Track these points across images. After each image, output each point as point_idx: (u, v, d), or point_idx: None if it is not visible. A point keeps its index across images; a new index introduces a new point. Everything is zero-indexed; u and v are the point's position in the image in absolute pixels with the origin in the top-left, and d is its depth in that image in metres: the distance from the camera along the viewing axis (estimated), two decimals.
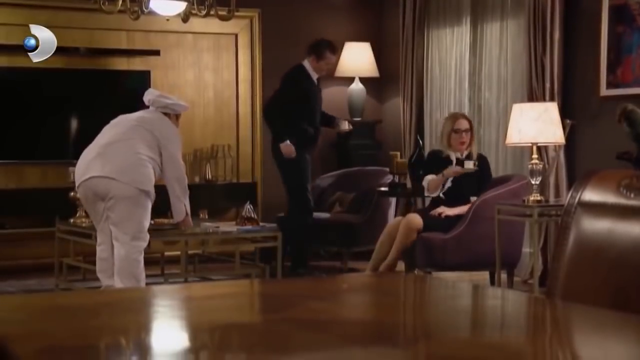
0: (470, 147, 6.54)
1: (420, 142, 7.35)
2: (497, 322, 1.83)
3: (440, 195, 6.51)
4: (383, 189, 7.44)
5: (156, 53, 8.01)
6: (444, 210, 6.38)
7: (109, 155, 5.61)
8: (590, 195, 1.91)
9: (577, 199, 1.92)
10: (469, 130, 6.52)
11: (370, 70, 8.54)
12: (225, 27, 7.84)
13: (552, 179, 6.63)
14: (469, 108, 7.69)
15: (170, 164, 5.75)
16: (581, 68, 6.62)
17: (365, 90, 8.54)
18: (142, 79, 7.71)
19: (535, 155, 6.00)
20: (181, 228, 6.12)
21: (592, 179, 1.93)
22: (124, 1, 6.28)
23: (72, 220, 6.66)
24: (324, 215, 7.63)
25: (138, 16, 6.50)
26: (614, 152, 5.45)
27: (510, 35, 7.31)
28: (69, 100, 7.78)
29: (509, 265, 6.41)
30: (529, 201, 5.95)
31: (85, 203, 5.96)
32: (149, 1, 6.33)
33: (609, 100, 6.21)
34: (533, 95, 6.71)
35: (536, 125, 5.92)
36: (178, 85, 8.08)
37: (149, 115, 5.88)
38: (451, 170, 6.42)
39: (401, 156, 7.73)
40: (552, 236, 6.45)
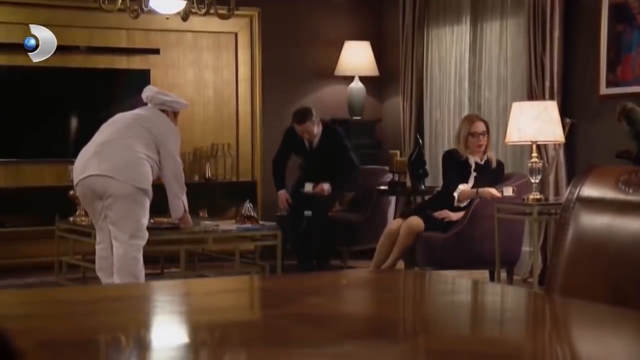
0: (487, 151, 6.51)
1: (420, 141, 7.35)
2: (496, 318, 1.83)
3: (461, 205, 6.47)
4: (383, 187, 7.45)
5: (156, 52, 8.02)
6: (449, 216, 6.36)
7: (106, 154, 5.59)
8: (589, 190, 1.91)
9: (576, 194, 1.92)
10: (486, 133, 6.47)
11: (370, 69, 8.54)
12: (225, 26, 7.83)
13: (552, 178, 6.63)
14: (468, 107, 7.69)
15: (167, 161, 5.74)
16: (581, 67, 6.62)
17: (365, 89, 8.53)
18: (142, 77, 7.70)
19: (535, 154, 6.00)
20: (180, 226, 6.12)
21: (591, 174, 1.93)
22: (123, 0, 6.28)
23: (72, 218, 6.67)
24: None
25: (138, 15, 6.50)
26: (613, 151, 5.45)
27: (510, 34, 7.31)
28: (68, 99, 7.78)
29: (509, 264, 6.41)
30: (528, 200, 5.96)
31: (83, 202, 5.96)
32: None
33: (609, 99, 6.21)
34: (533, 94, 6.71)
35: (536, 123, 5.92)
36: (178, 84, 8.07)
37: (146, 112, 5.87)
38: (489, 194, 6.30)
39: (401, 155, 7.74)
40: (552, 235, 6.45)
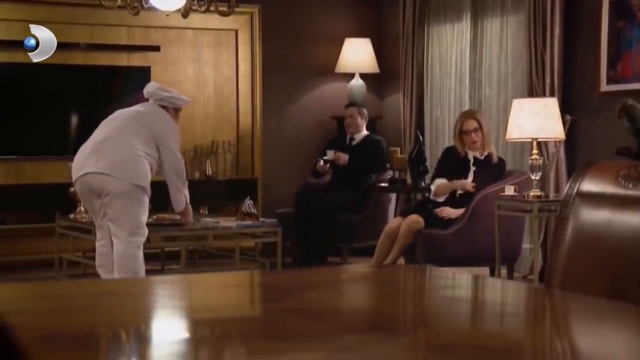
0: (486, 146, 6.50)
1: (420, 138, 7.35)
2: (496, 312, 1.84)
3: (456, 195, 6.48)
4: (383, 184, 7.45)
5: (156, 49, 8.01)
6: (449, 213, 6.36)
7: (104, 152, 5.59)
8: (589, 185, 1.91)
9: (576, 189, 1.93)
10: (479, 130, 6.47)
11: (370, 66, 8.53)
12: (226, 23, 7.83)
13: (552, 175, 6.62)
14: (469, 104, 7.68)
15: (167, 156, 5.73)
16: (581, 64, 6.62)
17: (366, 86, 8.52)
18: (142, 74, 7.69)
19: (535, 151, 6.00)
20: (182, 219, 6.12)
21: (591, 169, 1.93)
22: None
23: (72, 215, 6.67)
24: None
25: (138, 12, 6.50)
26: (614, 148, 5.43)
27: (511, 31, 7.31)
28: (68, 96, 7.77)
29: (509, 261, 6.41)
30: (529, 196, 5.96)
31: (82, 199, 5.96)
32: None
33: (609, 96, 6.21)
34: (533, 91, 6.70)
35: (536, 120, 5.92)
36: (178, 81, 8.07)
37: (145, 108, 5.85)
38: (463, 186, 6.38)
39: (401, 152, 7.74)
40: (552, 230, 6.45)
